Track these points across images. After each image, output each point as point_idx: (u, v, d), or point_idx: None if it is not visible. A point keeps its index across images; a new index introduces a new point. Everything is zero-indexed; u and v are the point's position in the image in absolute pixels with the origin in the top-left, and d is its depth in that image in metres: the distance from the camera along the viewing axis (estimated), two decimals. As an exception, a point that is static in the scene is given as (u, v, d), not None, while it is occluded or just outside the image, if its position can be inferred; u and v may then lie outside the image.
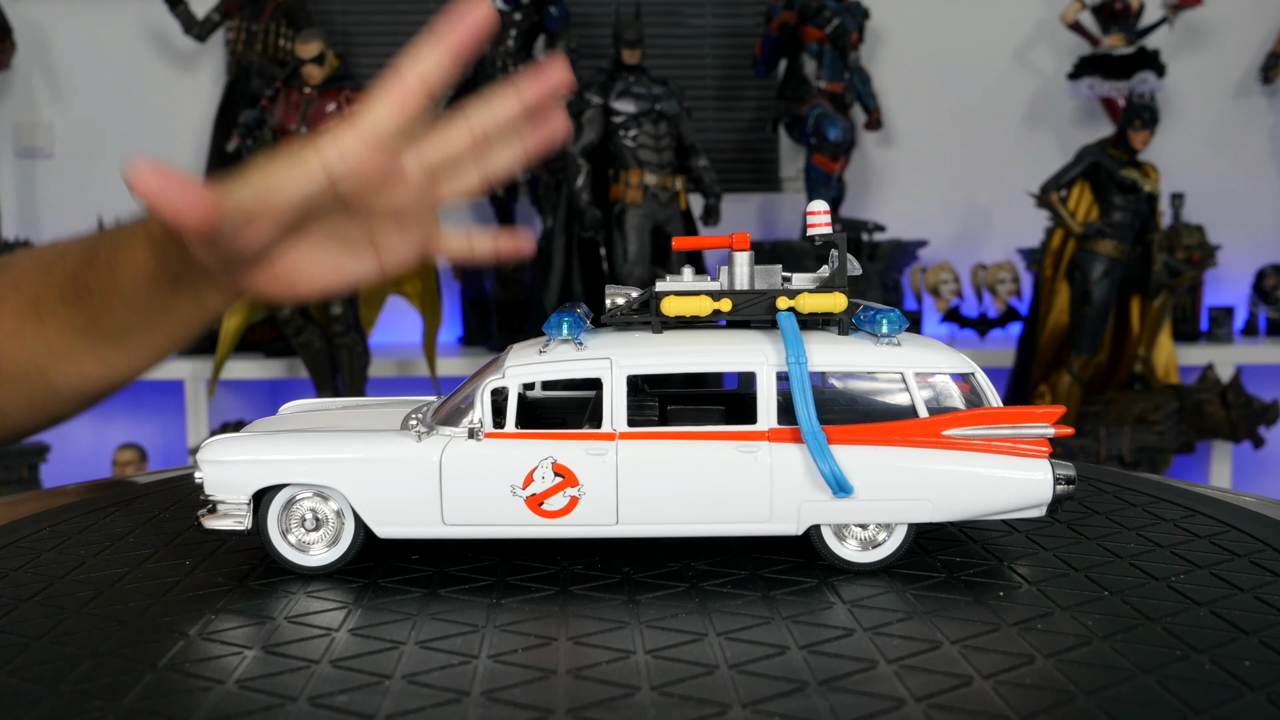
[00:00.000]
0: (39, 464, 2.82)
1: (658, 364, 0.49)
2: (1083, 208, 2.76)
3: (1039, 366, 2.78)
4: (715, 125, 3.40)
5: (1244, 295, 3.29)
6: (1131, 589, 0.46)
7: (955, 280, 3.16)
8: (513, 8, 3.00)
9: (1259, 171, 3.40)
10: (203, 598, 0.45)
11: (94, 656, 0.38)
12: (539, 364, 0.49)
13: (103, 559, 0.50)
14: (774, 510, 0.48)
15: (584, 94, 2.72)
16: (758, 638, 0.40)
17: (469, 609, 0.43)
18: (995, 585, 0.47)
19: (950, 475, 0.48)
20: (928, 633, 0.41)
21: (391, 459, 0.48)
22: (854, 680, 0.36)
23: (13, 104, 3.32)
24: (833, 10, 2.94)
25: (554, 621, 0.42)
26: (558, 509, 0.48)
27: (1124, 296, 2.82)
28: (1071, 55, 3.21)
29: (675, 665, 0.37)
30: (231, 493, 0.49)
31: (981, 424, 0.49)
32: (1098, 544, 0.52)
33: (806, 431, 0.47)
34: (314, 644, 0.39)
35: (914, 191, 3.38)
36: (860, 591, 0.46)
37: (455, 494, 0.48)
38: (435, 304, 2.71)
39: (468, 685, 0.36)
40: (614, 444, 0.48)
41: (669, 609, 0.44)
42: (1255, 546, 0.51)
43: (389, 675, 0.36)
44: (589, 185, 2.67)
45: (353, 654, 0.38)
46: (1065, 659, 0.38)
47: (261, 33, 3.07)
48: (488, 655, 0.38)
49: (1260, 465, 3.18)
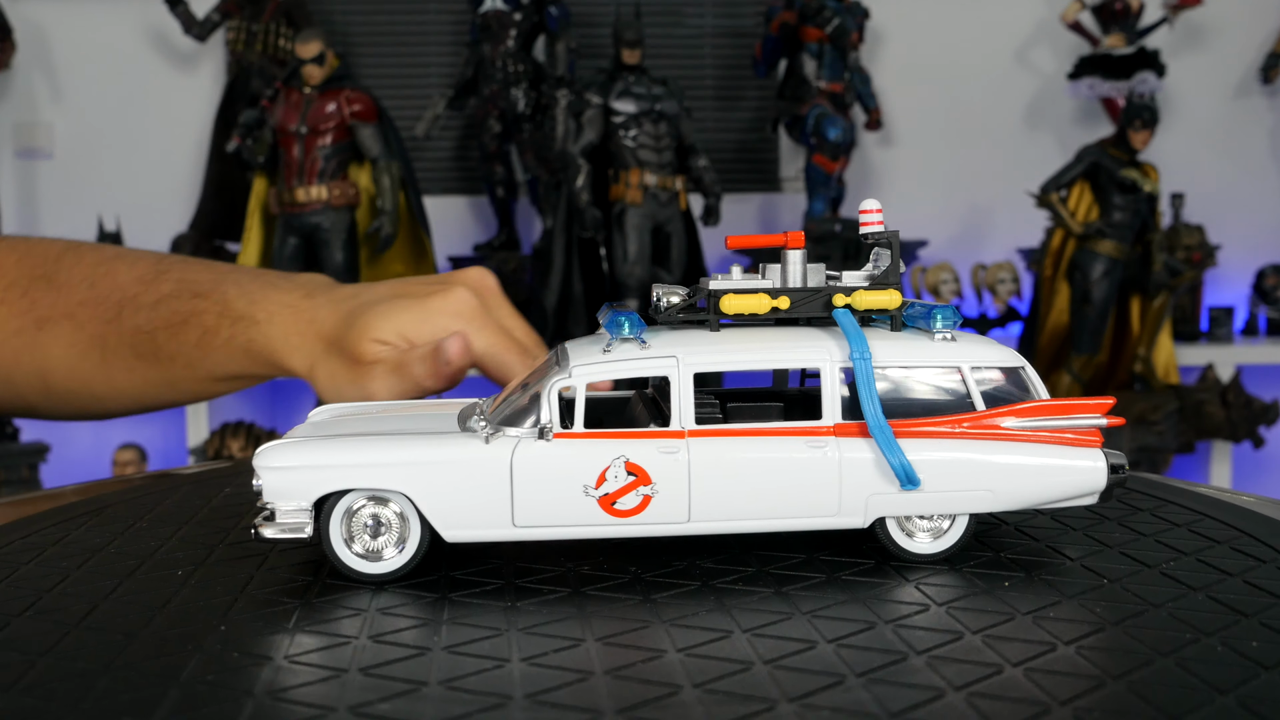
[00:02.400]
0: (39, 464, 2.82)
1: (724, 361, 0.50)
2: (1083, 208, 2.76)
3: (1039, 366, 2.78)
4: (715, 125, 3.40)
5: (1244, 295, 3.29)
6: (1129, 576, 0.46)
7: (955, 280, 3.17)
8: (513, 8, 3.01)
9: (1259, 171, 3.40)
10: (205, 608, 0.44)
11: (109, 671, 0.37)
12: (605, 363, 0.49)
13: (88, 571, 0.49)
14: (842, 504, 0.49)
15: (584, 94, 2.73)
16: (783, 633, 0.40)
17: (486, 613, 0.43)
18: (999, 576, 0.47)
19: (1010, 466, 0.49)
20: (948, 624, 0.41)
21: (462, 461, 0.47)
22: (890, 672, 0.36)
23: (13, 104, 3.32)
24: (833, 10, 2.95)
25: (576, 623, 0.42)
26: (630, 508, 0.48)
27: (1124, 296, 2.82)
28: (1071, 55, 3.21)
29: (710, 663, 0.37)
30: (293, 500, 0.47)
31: (1037, 416, 0.50)
32: (1095, 543, 0.52)
33: (873, 426, 0.48)
34: (337, 652, 0.39)
35: (914, 191, 3.39)
36: (871, 587, 0.46)
37: (527, 495, 0.47)
38: (435, 304, 2.71)
39: (508, 688, 0.35)
40: (685, 442, 0.48)
41: (687, 607, 0.44)
42: (1252, 544, 0.51)
43: (424, 681, 0.36)
44: (589, 185, 2.67)
45: (381, 661, 0.38)
46: (1084, 645, 0.39)
47: (261, 33, 3.07)
48: (520, 659, 0.38)
49: (1260, 465, 3.19)
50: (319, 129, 2.53)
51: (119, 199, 3.18)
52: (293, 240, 2.55)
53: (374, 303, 0.73)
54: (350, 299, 0.75)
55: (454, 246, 3.22)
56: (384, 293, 0.75)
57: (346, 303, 0.75)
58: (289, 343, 0.76)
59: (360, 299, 0.75)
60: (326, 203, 2.53)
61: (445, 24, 3.36)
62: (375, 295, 0.75)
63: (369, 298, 0.75)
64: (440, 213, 3.15)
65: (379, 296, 0.74)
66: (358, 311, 0.73)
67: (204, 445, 2.78)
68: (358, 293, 0.77)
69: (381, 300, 0.74)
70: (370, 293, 0.76)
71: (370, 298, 0.75)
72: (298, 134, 2.53)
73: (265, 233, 2.64)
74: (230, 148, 2.62)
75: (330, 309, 0.75)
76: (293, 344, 0.76)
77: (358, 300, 0.75)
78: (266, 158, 2.58)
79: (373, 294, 0.76)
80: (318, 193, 2.52)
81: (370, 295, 0.75)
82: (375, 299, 0.74)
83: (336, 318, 0.74)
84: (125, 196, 3.22)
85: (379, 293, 0.76)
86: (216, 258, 3.03)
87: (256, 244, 2.64)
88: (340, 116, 2.53)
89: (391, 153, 2.56)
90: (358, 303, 0.74)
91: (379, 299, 0.74)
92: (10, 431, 2.81)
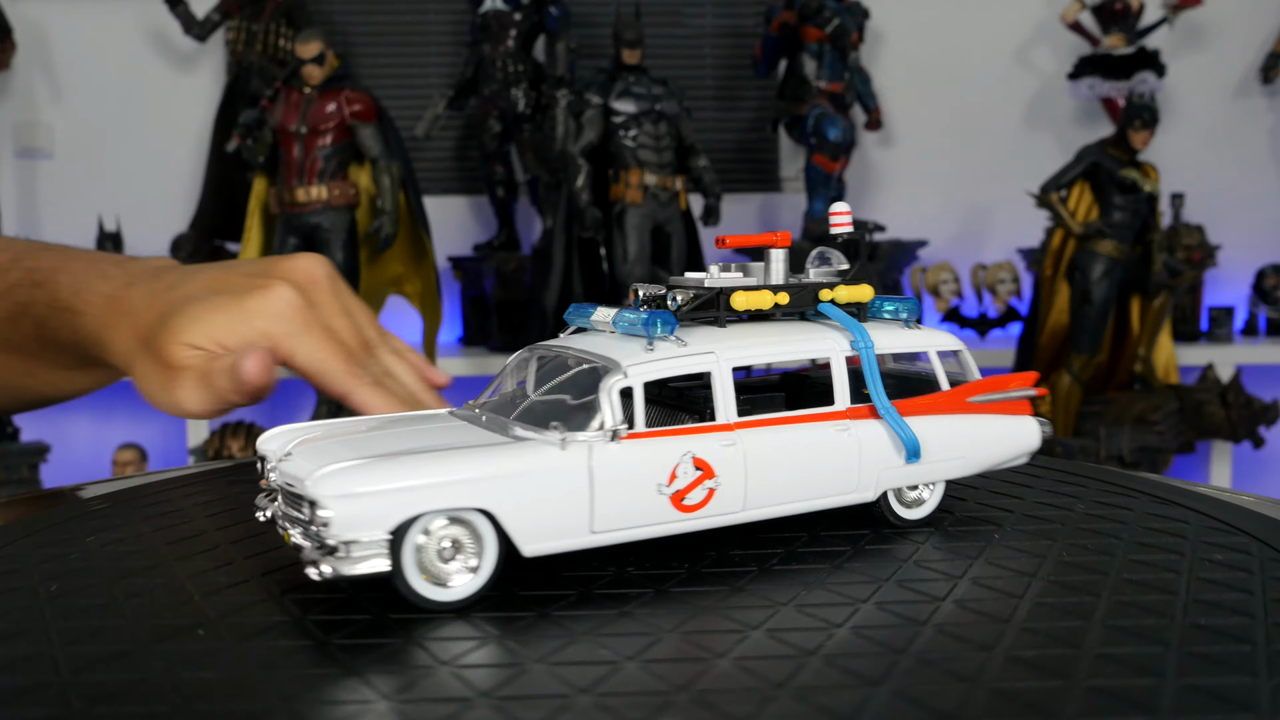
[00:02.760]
0: (39, 464, 2.82)
1: (754, 355, 0.52)
2: (1083, 208, 2.76)
3: (1039, 366, 2.78)
4: (715, 125, 3.40)
5: (1244, 295, 3.29)
6: (1128, 583, 0.46)
7: (955, 280, 3.17)
8: (513, 8, 3.01)
9: (1259, 171, 3.40)
10: (218, 649, 0.41)
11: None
12: (655, 361, 0.49)
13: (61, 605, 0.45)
14: (860, 481, 0.53)
15: (584, 94, 2.73)
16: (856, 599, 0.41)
17: (539, 628, 0.42)
18: (1007, 569, 0.47)
19: (977, 435, 0.56)
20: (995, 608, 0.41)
21: (543, 470, 0.46)
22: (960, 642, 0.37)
23: (13, 104, 3.32)
24: (833, 10, 2.95)
25: (634, 622, 0.42)
26: (697, 502, 0.49)
27: (1124, 296, 2.82)
28: (1071, 55, 3.21)
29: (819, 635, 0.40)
30: (370, 530, 0.43)
31: (989, 391, 0.57)
32: (1093, 543, 0.52)
33: (882, 408, 0.53)
34: (438, 681, 0.37)
35: (914, 191, 3.39)
36: (886, 564, 0.46)
37: (606, 499, 0.46)
38: (435, 304, 2.72)
39: (666, 688, 0.35)
40: (736, 434, 0.50)
41: (748, 598, 0.45)
42: (1252, 544, 0.51)
43: (566, 693, 0.35)
44: (589, 185, 2.67)
45: (491, 686, 0.36)
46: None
47: (261, 33, 3.07)
48: (627, 657, 0.38)
49: (1260, 465, 3.19)
50: (319, 129, 2.53)
51: (119, 199, 3.18)
52: (293, 240, 2.55)
53: (189, 300, 0.68)
54: (168, 291, 0.70)
55: (454, 246, 3.22)
56: (202, 287, 0.69)
57: (163, 296, 0.69)
58: (107, 337, 0.71)
59: (177, 292, 0.69)
60: (326, 203, 2.53)
61: (445, 24, 3.36)
62: (193, 289, 0.69)
63: (186, 292, 0.69)
64: (440, 213, 3.15)
65: (196, 292, 0.69)
66: (171, 310, 0.68)
67: (204, 445, 2.78)
68: (177, 284, 0.71)
69: (197, 298, 0.68)
70: (189, 284, 0.70)
71: (187, 292, 0.69)
72: (298, 134, 2.53)
73: (265, 233, 2.64)
74: (230, 148, 2.62)
75: (147, 302, 0.70)
76: (110, 338, 0.71)
77: (174, 294, 0.69)
78: (266, 158, 2.58)
79: (191, 286, 0.70)
80: (318, 193, 2.53)
81: (188, 288, 0.70)
82: (192, 294, 0.69)
83: (152, 315, 0.68)
84: (125, 196, 3.22)
85: (197, 286, 0.70)
86: (216, 258, 3.03)
87: (256, 244, 2.64)
88: (340, 116, 2.53)
89: (391, 153, 2.56)
90: (173, 297, 0.69)
91: (195, 295, 0.68)
92: (10, 431, 2.82)
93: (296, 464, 0.47)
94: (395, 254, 2.67)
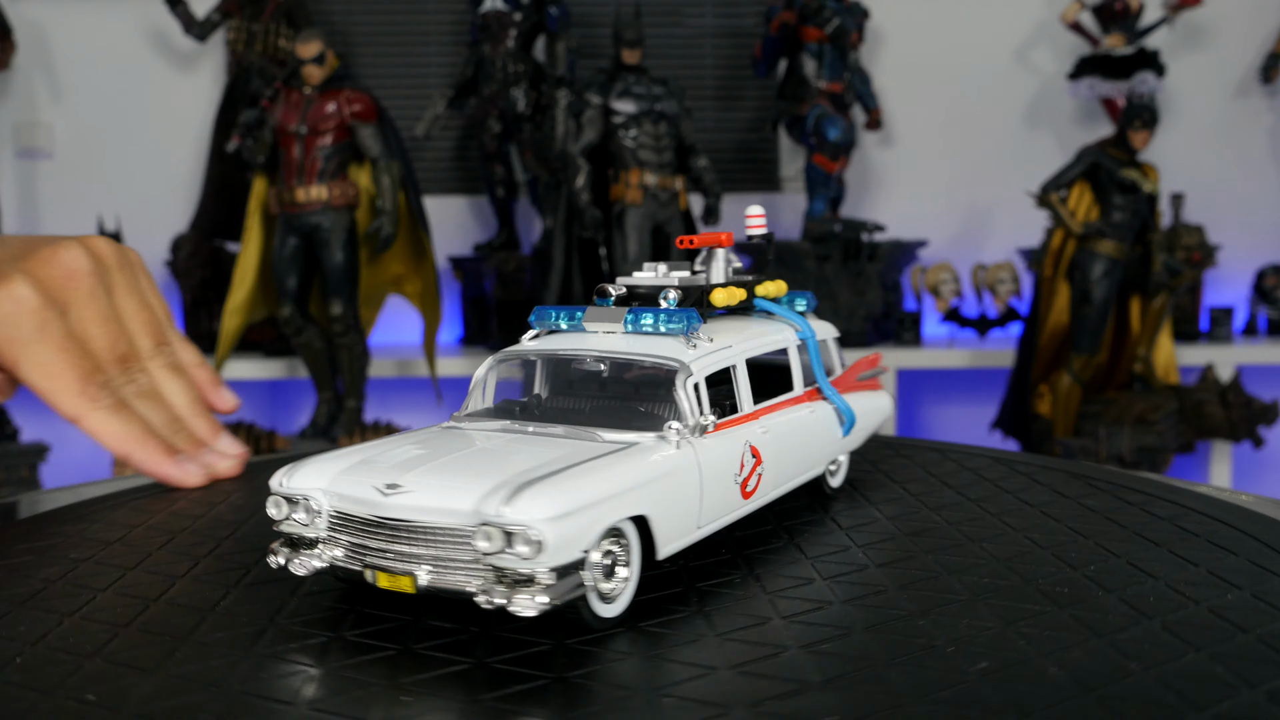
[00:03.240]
0: (39, 464, 2.82)
1: (753, 348, 0.54)
2: (1083, 208, 2.76)
3: (1039, 366, 2.78)
4: (715, 125, 3.40)
5: (1244, 295, 3.30)
6: (1129, 586, 0.46)
7: (955, 280, 3.17)
8: (513, 8, 3.01)
9: (1259, 171, 3.40)
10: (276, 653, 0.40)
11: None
12: (705, 356, 0.50)
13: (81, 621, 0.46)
14: (823, 455, 0.59)
15: (584, 94, 2.73)
16: (817, 617, 0.41)
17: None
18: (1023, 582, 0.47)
19: (871, 408, 0.64)
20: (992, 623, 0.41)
21: (675, 470, 0.46)
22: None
23: (13, 104, 3.32)
24: (833, 10, 2.95)
25: (625, 639, 0.41)
26: (753, 488, 0.51)
27: (1124, 296, 2.82)
28: (1071, 55, 3.22)
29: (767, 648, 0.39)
30: (575, 550, 0.40)
31: (864, 371, 0.65)
32: (1094, 542, 0.52)
33: (827, 389, 0.59)
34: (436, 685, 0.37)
35: (914, 191, 3.39)
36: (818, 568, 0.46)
37: (708, 493, 0.48)
38: (435, 304, 2.72)
39: (720, 696, 0.35)
40: (764, 420, 0.53)
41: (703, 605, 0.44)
42: (1252, 545, 0.51)
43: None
44: (589, 185, 2.67)
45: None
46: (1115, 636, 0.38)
47: (261, 33, 3.07)
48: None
49: (1260, 465, 3.19)
50: (319, 129, 2.53)
51: (119, 199, 3.18)
52: (293, 240, 2.55)
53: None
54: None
55: (454, 246, 3.22)
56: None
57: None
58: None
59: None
60: (326, 203, 2.53)
61: (445, 24, 3.36)
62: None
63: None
64: (440, 213, 3.16)
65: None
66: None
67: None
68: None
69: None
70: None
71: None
72: (298, 134, 2.53)
73: (265, 233, 2.65)
74: (230, 148, 2.62)
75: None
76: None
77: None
78: (266, 158, 2.58)
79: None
80: (318, 193, 2.53)
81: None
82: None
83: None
84: (125, 196, 3.22)
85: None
86: (216, 258, 3.04)
87: (256, 244, 2.64)
88: (340, 116, 2.54)
89: (391, 153, 2.56)
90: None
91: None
92: (10, 432, 2.82)
93: (435, 494, 0.41)
94: (395, 254, 2.68)
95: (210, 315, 2.99)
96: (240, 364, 2.84)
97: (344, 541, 0.43)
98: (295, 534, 0.44)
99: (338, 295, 2.56)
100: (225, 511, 0.60)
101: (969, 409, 3.24)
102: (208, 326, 2.99)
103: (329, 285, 2.57)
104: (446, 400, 2.91)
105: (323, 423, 2.67)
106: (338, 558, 0.43)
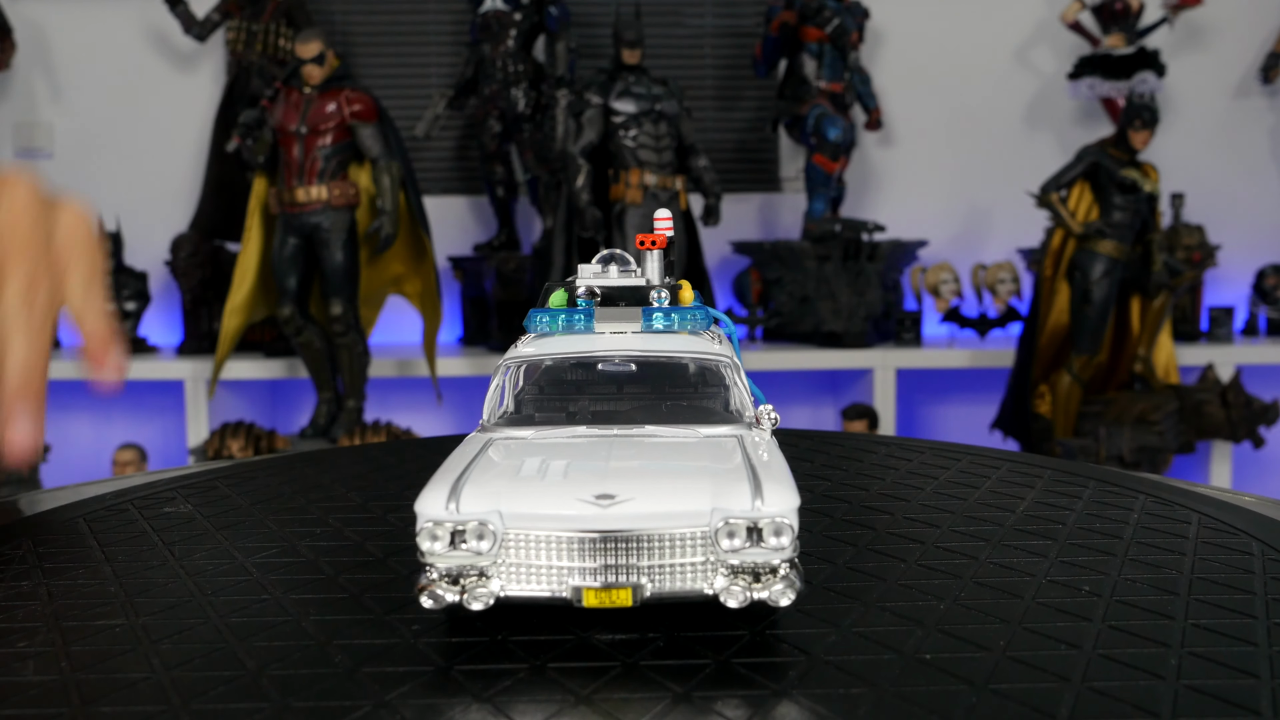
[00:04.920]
0: (39, 463, 2.82)
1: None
2: (1083, 208, 2.76)
3: (1039, 366, 2.78)
4: (715, 125, 3.40)
5: (1244, 295, 3.30)
6: (1129, 583, 0.46)
7: (955, 280, 3.17)
8: (513, 8, 3.01)
9: (1259, 171, 3.40)
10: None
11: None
12: (731, 350, 0.52)
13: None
14: None
15: (584, 94, 2.73)
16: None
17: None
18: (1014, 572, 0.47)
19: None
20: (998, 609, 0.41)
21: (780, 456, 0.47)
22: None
23: (13, 104, 3.32)
24: (833, 10, 2.95)
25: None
26: None
27: (1124, 296, 2.82)
28: (1071, 55, 3.22)
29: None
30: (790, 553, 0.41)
31: None
32: (1094, 543, 0.52)
33: (746, 378, 0.60)
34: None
35: (914, 191, 3.39)
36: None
37: None
38: (435, 304, 2.72)
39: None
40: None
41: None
42: (1253, 544, 0.51)
43: None
44: (589, 185, 2.67)
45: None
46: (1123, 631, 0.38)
47: (261, 33, 3.07)
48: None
49: (1260, 465, 3.19)
50: (319, 129, 2.53)
51: (119, 199, 3.18)
52: (293, 240, 2.55)
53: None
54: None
55: (454, 246, 3.22)
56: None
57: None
58: None
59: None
60: (326, 202, 2.53)
61: (445, 24, 3.36)
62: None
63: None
64: (440, 213, 3.16)
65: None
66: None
67: (204, 445, 2.78)
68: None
69: None
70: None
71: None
72: (298, 134, 2.53)
73: (265, 232, 2.65)
74: (230, 148, 2.63)
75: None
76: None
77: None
78: (266, 158, 2.58)
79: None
80: (318, 193, 2.53)
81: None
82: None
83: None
84: (125, 196, 3.22)
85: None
86: (216, 258, 3.04)
87: (256, 244, 2.64)
88: (340, 116, 2.54)
89: (391, 153, 2.56)
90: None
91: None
92: (10, 431, 2.81)
93: (662, 499, 0.40)
94: (395, 254, 2.68)
95: (210, 315, 2.99)
96: (240, 364, 2.84)
97: (530, 565, 0.40)
98: (465, 566, 0.40)
99: (338, 295, 2.56)
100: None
101: (969, 409, 3.24)
102: (208, 326, 2.99)
103: (329, 285, 2.57)
104: (446, 400, 2.91)
105: (323, 423, 2.67)
106: (530, 584, 0.40)
